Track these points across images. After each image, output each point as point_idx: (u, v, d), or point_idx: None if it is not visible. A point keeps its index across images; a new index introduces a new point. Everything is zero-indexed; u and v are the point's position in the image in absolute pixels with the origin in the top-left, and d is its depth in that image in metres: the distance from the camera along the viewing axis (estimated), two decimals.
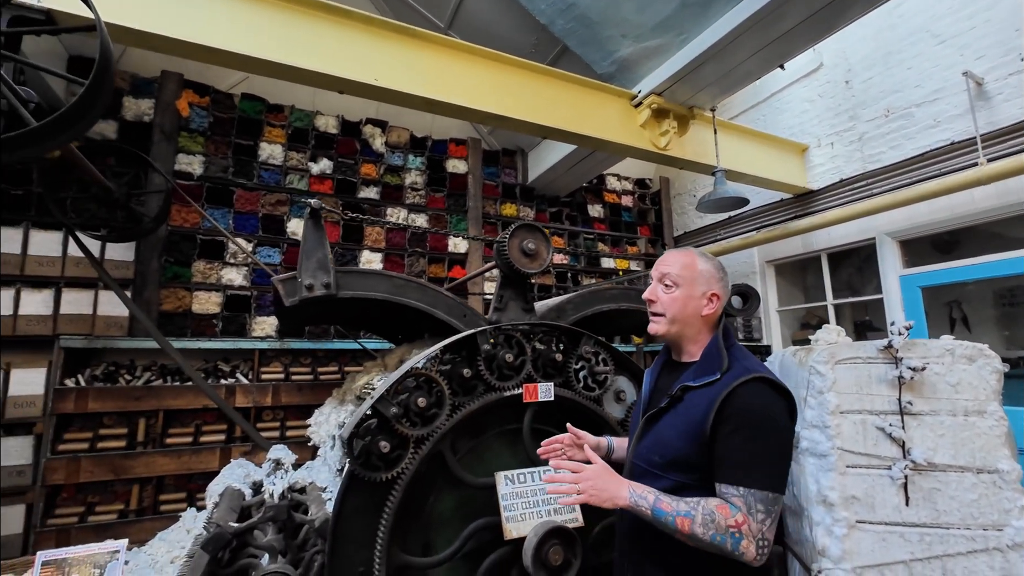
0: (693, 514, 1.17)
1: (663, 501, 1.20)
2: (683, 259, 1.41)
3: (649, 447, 1.36)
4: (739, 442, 1.20)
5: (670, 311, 1.38)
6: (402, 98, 3.02)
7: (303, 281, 2.04)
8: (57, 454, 3.39)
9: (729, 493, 1.19)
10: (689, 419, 1.28)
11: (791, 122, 4.90)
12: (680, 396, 1.33)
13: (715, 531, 1.15)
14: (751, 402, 1.23)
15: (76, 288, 3.59)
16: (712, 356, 1.34)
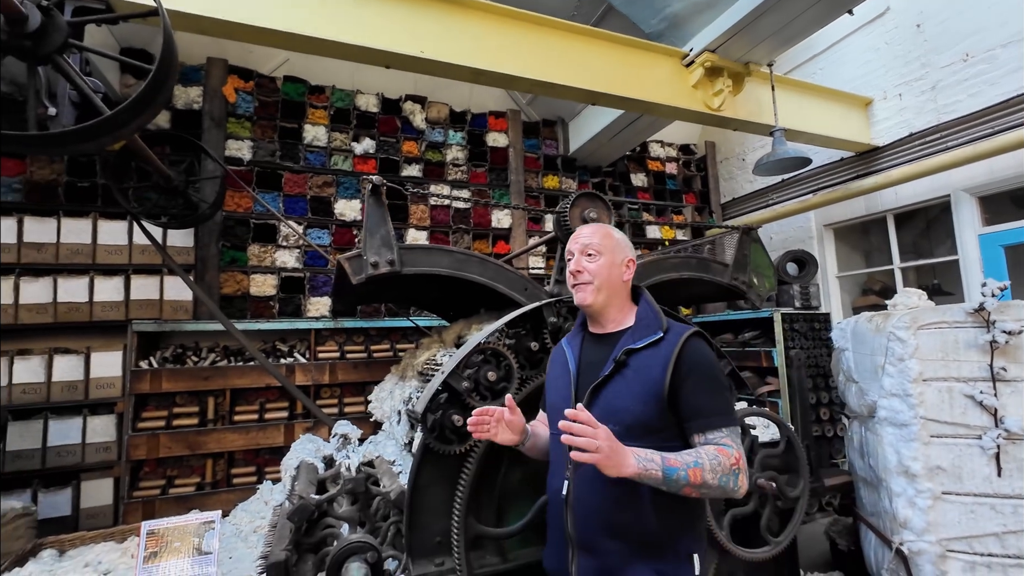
0: (701, 462, 1.19)
1: (670, 459, 1.19)
2: (600, 231, 1.48)
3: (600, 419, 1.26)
4: (707, 390, 1.29)
5: (597, 278, 1.41)
6: (449, 69, 2.96)
7: (368, 259, 2.05)
8: (137, 431, 3.60)
9: (716, 437, 1.26)
10: (644, 380, 1.29)
11: (853, 74, 4.57)
12: (624, 361, 1.34)
13: (722, 473, 1.20)
14: (702, 353, 1.33)
15: (143, 274, 3.74)
16: (649, 317, 1.41)
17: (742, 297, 2.90)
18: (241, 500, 3.68)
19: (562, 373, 1.49)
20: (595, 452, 1.15)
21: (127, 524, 3.38)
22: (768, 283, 2.95)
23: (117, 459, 3.59)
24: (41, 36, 1.71)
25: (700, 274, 2.77)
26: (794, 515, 2.42)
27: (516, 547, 2.07)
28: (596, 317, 1.47)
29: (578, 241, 1.48)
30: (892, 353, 2.46)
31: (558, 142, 5.38)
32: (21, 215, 3.50)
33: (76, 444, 3.50)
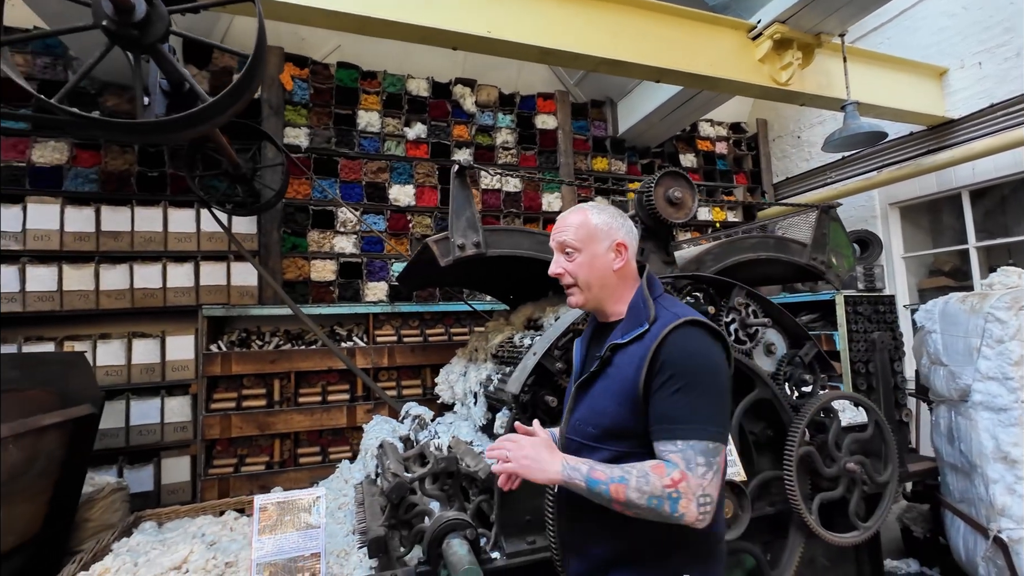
0: (627, 479, 1.06)
1: (597, 470, 1.09)
2: (575, 219, 1.28)
3: (582, 418, 1.25)
4: (673, 392, 1.09)
5: (580, 277, 1.26)
6: (516, 49, 2.91)
7: (455, 241, 2.06)
8: (211, 412, 3.74)
9: (667, 451, 1.08)
10: (622, 380, 1.17)
11: (926, 42, 4.32)
12: (609, 358, 1.22)
13: (650, 494, 1.04)
14: (684, 348, 1.12)
15: (211, 261, 3.86)
16: (637, 308, 1.23)
17: (820, 277, 2.81)
18: (308, 479, 3.82)
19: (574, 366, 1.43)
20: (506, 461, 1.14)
21: (204, 500, 3.54)
22: (847, 263, 2.84)
23: (193, 438, 3.74)
24: (146, 26, 1.75)
25: (778, 254, 2.69)
26: (883, 500, 2.36)
27: None
28: (597, 311, 1.34)
29: (554, 237, 1.31)
30: (990, 335, 2.35)
31: (607, 123, 5.28)
32: (98, 204, 3.64)
33: (155, 424, 3.67)
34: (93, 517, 2.77)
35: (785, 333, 2.39)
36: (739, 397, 2.30)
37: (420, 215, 4.50)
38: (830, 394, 2.28)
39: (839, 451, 2.28)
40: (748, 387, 2.28)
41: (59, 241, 3.54)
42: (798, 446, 2.18)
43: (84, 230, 3.60)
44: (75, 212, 3.59)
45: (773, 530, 2.35)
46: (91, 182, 3.68)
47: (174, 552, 2.02)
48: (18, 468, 2.20)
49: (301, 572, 1.73)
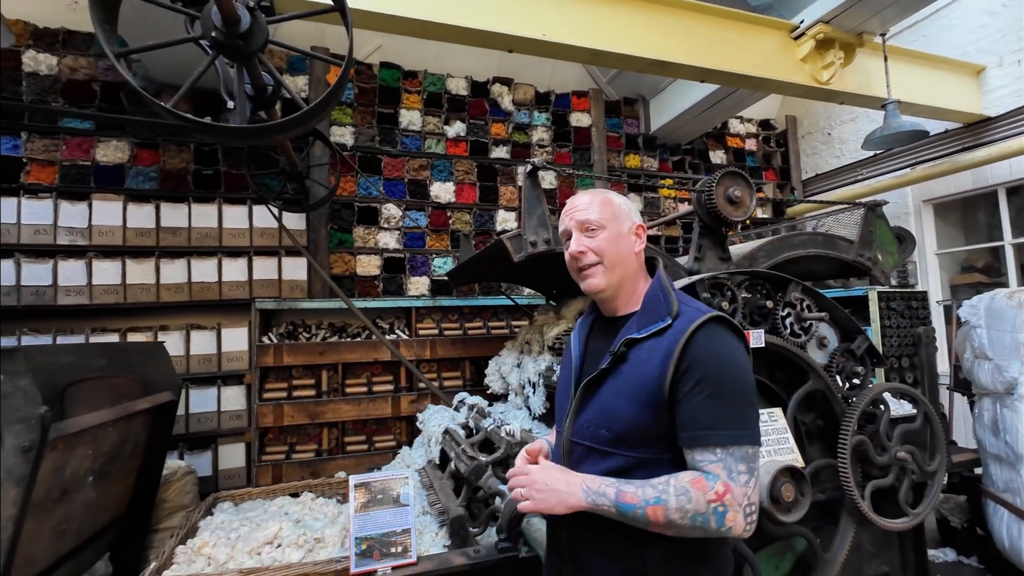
0: (664, 498, 0.97)
1: (626, 493, 1.00)
2: (597, 198, 1.22)
3: (592, 420, 1.13)
4: (708, 396, 1.01)
5: (607, 255, 1.16)
6: (568, 51, 3.01)
7: (527, 238, 2.16)
8: (264, 401, 3.89)
9: (705, 460, 1.00)
10: (641, 378, 1.06)
11: (963, 40, 4.35)
12: (624, 353, 1.11)
13: (694, 512, 0.96)
14: (715, 348, 1.05)
15: (263, 256, 4.00)
16: (657, 299, 1.14)
17: (867, 274, 2.88)
18: (355, 466, 3.98)
19: (567, 362, 1.30)
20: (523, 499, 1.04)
21: (259, 485, 3.70)
22: (892, 259, 2.91)
23: (247, 426, 3.91)
24: (249, 36, 1.87)
25: (826, 251, 2.77)
26: (931, 488, 2.45)
27: None
28: (609, 300, 1.22)
29: (572, 216, 1.21)
30: None
31: (639, 120, 5.35)
32: (158, 201, 3.79)
33: (213, 412, 3.84)
34: (169, 498, 2.93)
35: (837, 327, 2.47)
36: (792, 388, 2.40)
37: (460, 211, 4.62)
38: (882, 386, 2.37)
39: (890, 441, 2.37)
40: (801, 379, 2.38)
41: (122, 237, 3.70)
42: (851, 435, 2.28)
43: (145, 226, 3.75)
44: (136, 209, 3.74)
45: (822, 516, 2.44)
46: (151, 180, 3.83)
47: (265, 528, 2.16)
48: (114, 450, 2.36)
49: (394, 546, 1.85)
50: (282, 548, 2.06)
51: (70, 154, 3.67)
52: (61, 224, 3.58)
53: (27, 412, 1.74)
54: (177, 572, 1.94)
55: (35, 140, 3.61)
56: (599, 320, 1.29)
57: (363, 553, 1.82)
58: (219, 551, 2.02)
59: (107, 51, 1.69)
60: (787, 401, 2.35)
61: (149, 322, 3.80)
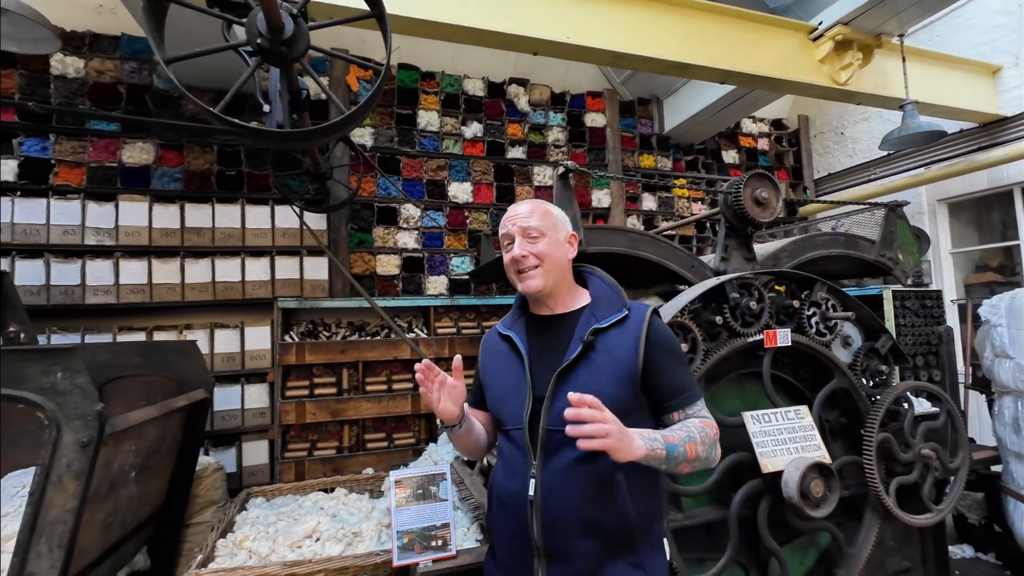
0: (693, 436, 1.18)
1: (669, 436, 1.15)
2: (538, 208, 1.34)
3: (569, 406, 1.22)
4: (679, 367, 1.28)
5: (545, 260, 1.29)
6: (592, 53, 3.05)
7: None
8: (286, 399, 3.95)
9: (695, 411, 1.26)
10: (616, 361, 1.23)
11: (978, 40, 4.36)
12: (591, 342, 1.25)
13: (709, 444, 1.21)
14: (665, 330, 1.32)
15: (285, 255, 4.06)
16: (610, 295, 1.33)
17: (887, 273, 2.92)
18: (376, 463, 4.03)
19: (508, 362, 1.35)
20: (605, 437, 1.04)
21: (283, 482, 3.77)
22: (912, 259, 2.94)
23: (270, 423, 3.97)
24: (292, 42, 1.92)
25: (848, 251, 2.81)
26: (954, 485, 2.49)
27: (692, 505, 2.24)
28: (544, 300, 1.35)
29: (515, 223, 1.32)
30: None
31: (653, 121, 5.38)
32: (182, 202, 3.85)
33: (237, 409, 3.90)
34: (200, 494, 2.98)
35: (861, 326, 2.51)
36: (816, 386, 2.44)
37: (477, 211, 4.66)
38: (908, 384, 2.41)
39: (914, 438, 2.40)
40: (825, 377, 2.42)
41: (148, 237, 3.75)
42: (876, 432, 2.31)
43: (170, 226, 3.81)
44: (162, 209, 3.80)
45: (845, 512, 2.48)
46: (176, 181, 3.88)
47: (303, 523, 2.21)
48: (154, 446, 2.41)
49: (434, 540, 1.91)
50: (321, 542, 2.11)
51: (97, 156, 3.73)
52: (89, 224, 3.64)
53: (85, 408, 1.80)
54: (221, 564, 2.00)
55: (63, 142, 3.67)
56: (533, 320, 1.39)
57: (405, 547, 1.87)
58: (260, 544, 2.07)
59: (158, 58, 1.73)
60: (810, 399, 2.39)
61: (174, 321, 3.86)
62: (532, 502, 1.20)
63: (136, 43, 3.88)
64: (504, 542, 1.31)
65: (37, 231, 3.54)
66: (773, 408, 2.24)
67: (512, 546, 1.27)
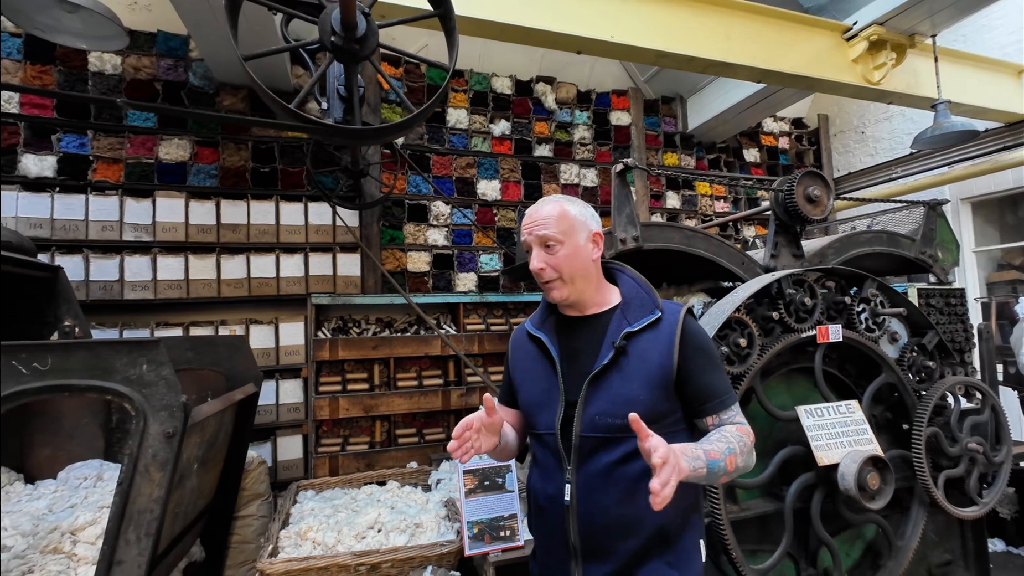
0: (733, 447, 1.15)
1: (710, 451, 1.11)
2: (555, 212, 1.27)
3: (603, 411, 1.20)
4: (713, 369, 1.25)
5: (565, 271, 1.24)
6: (635, 52, 3.08)
7: (617, 235, 2.24)
8: (320, 394, 3.98)
9: (730, 416, 1.23)
10: (650, 364, 1.19)
11: (1004, 40, 4.40)
12: (623, 346, 1.22)
13: (747, 453, 1.18)
14: (699, 331, 1.28)
15: (319, 252, 4.08)
16: (641, 296, 1.29)
17: (927, 271, 2.96)
18: (408, 458, 4.06)
19: (538, 364, 1.33)
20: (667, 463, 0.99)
21: (316, 477, 3.80)
22: (951, 257, 2.98)
23: (304, 418, 3.99)
24: (364, 41, 1.94)
25: (891, 248, 2.85)
26: (998, 478, 2.53)
27: (745, 497, 2.27)
28: (573, 306, 1.32)
29: (532, 232, 1.27)
30: None
31: (676, 119, 5.41)
32: (218, 199, 3.87)
33: (272, 404, 3.92)
34: (246, 487, 3.01)
35: (907, 322, 2.55)
36: (862, 381, 2.48)
37: (505, 208, 4.69)
38: (955, 379, 2.45)
39: (960, 432, 2.45)
40: (872, 372, 2.46)
41: (184, 233, 3.78)
42: (925, 426, 2.36)
43: (206, 223, 3.83)
44: (198, 206, 3.82)
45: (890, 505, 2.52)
46: (211, 178, 3.91)
47: (365, 514, 2.25)
48: (212, 439, 2.44)
49: (503, 530, 1.94)
50: (385, 532, 2.15)
51: (134, 152, 3.75)
52: (127, 221, 3.67)
53: (170, 400, 1.83)
54: (290, 554, 2.03)
55: (100, 138, 3.69)
56: (561, 320, 1.35)
57: (475, 536, 1.91)
58: (326, 535, 2.11)
59: (237, 55, 1.76)
60: (857, 393, 2.43)
61: (210, 316, 3.89)
62: (568, 506, 1.19)
63: (171, 40, 3.90)
64: (543, 543, 1.31)
65: (76, 226, 3.56)
66: (825, 403, 2.28)
67: (551, 547, 1.27)
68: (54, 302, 2.67)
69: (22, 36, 3.55)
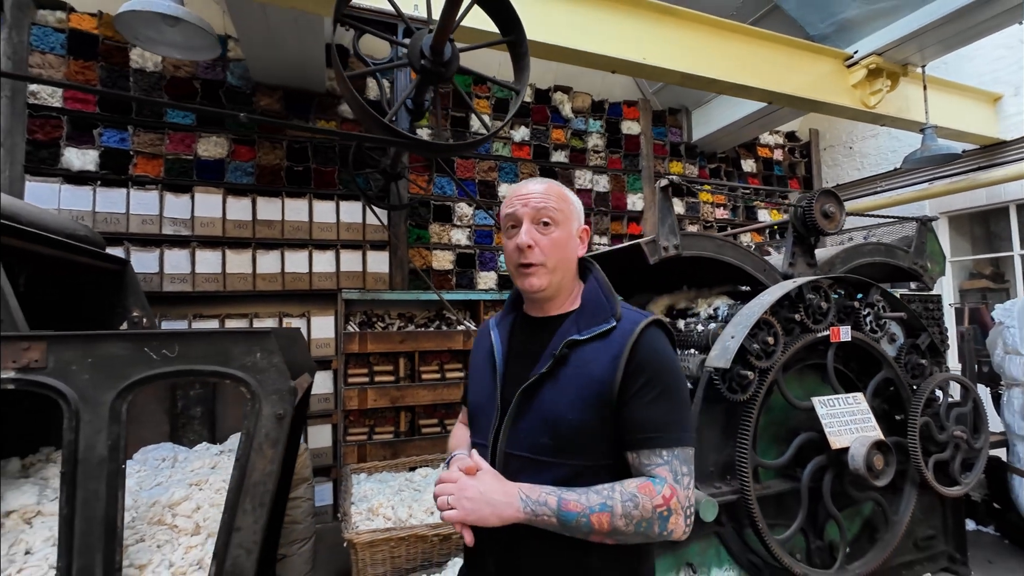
0: (611, 504, 0.93)
1: (569, 500, 0.94)
2: (554, 190, 1.11)
3: (531, 428, 1.04)
4: (655, 398, 0.99)
5: (552, 257, 1.07)
6: (663, 73, 3.35)
7: (660, 243, 2.50)
8: (349, 385, 4.16)
9: (652, 464, 0.98)
10: (587, 380, 1.01)
11: (981, 69, 4.84)
12: (565, 355, 1.04)
13: (640, 518, 0.93)
14: (657, 350, 1.03)
15: (349, 249, 4.25)
16: (599, 300, 1.10)
17: (918, 279, 3.31)
18: (431, 447, 4.28)
19: (485, 365, 1.18)
20: (450, 508, 0.95)
21: (346, 464, 3.99)
22: (938, 268, 3.34)
23: (334, 408, 4.17)
24: (448, 64, 2.16)
25: (888, 259, 3.20)
26: (978, 462, 2.90)
27: (766, 477, 2.57)
28: (544, 301, 1.15)
29: (527, 203, 1.09)
30: None
31: (682, 130, 5.73)
32: (254, 195, 4.00)
33: None
34: (296, 471, 3.19)
35: (904, 325, 2.89)
36: (864, 376, 2.81)
37: None
38: (944, 375, 2.80)
39: (947, 421, 2.80)
40: (872, 368, 2.79)
41: (222, 228, 3.90)
42: (919, 416, 2.70)
43: (242, 218, 3.96)
44: (235, 202, 3.95)
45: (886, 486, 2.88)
46: (248, 175, 4.03)
47: (427, 492, 2.47)
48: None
49: None
50: None
51: (173, 148, 3.85)
52: (166, 215, 3.78)
53: (280, 385, 2.03)
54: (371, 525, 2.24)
55: (140, 134, 3.78)
56: (521, 320, 1.20)
57: None
58: (398, 511, 2.32)
59: (340, 72, 1.95)
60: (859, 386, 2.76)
61: (243, 309, 4.02)
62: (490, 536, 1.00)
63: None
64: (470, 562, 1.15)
65: (117, 219, 3.66)
66: (835, 394, 2.59)
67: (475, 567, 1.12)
68: (123, 293, 2.80)
69: (65, 32, 3.62)
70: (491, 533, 0.98)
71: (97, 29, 3.70)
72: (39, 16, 3.58)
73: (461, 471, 1.00)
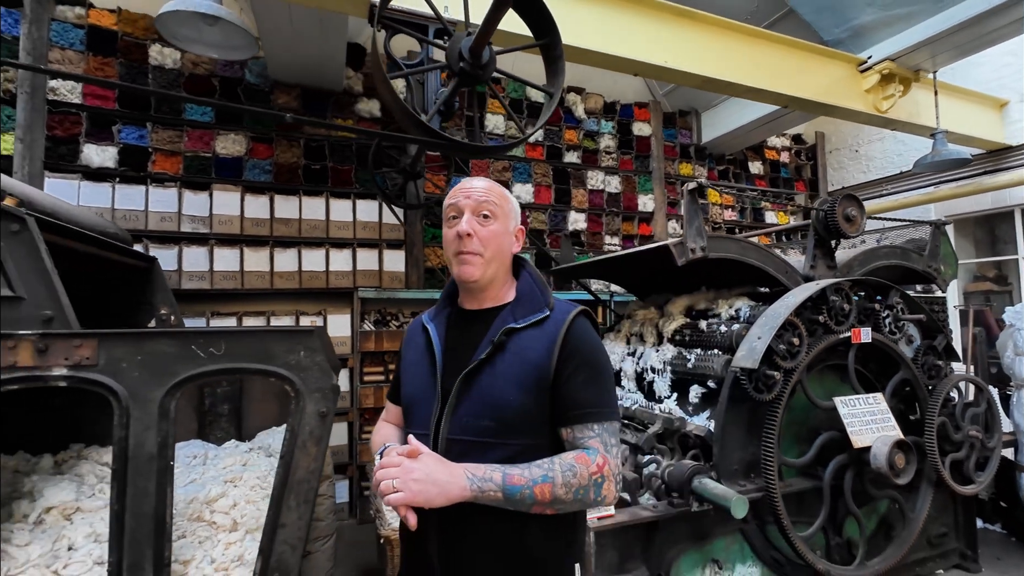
0: (551, 475, 1.00)
1: (513, 475, 1.00)
2: (496, 189, 1.20)
3: (473, 412, 1.10)
4: (586, 379, 1.09)
5: (490, 248, 1.15)
6: (684, 76, 3.39)
7: (688, 245, 2.54)
8: (365, 383, 4.18)
9: (585, 437, 1.06)
10: (526, 365, 1.09)
11: (988, 76, 4.92)
12: (503, 342, 1.12)
13: (578, 486, 1.01)
14: (586, 336, 1.14)
15: (365, 248, 4.27)
16: (533, 292, 1.19)
17: (932, 281, 3.38)
18: None
19: (422, 358, 1.23)
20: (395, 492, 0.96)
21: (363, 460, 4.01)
22: (951, 270, 3.40)
23: (350, 406, 4.18)
24: (486, 67, 2.19)
25: (903, 262, 3.25)
26: (991, 461, 2.96)
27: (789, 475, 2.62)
28: (475, 293, 1.21)
29: (469, 196, 1.16)
30: None
31: (691, 132, 5.78)
32: (272, 193, 4.01)
33: None
34: None
35: (921, 326, 2.95)
36: (882, 377, 2.86)
37: (536, 211, 4.96)
38: (959, 376, 2.86)
39: (963, 421, 2.86)
40: (890, 369, 2.85)
41: (239, 226, 3.91)
42: (936, 416, 2.76)
43: (260, 216, 3.97)
44: (253, 200, 3.95)
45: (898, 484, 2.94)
46: (266, 173, 4.04)
47: None
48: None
49: None
50: None
51: (192, 145, 3.85)
52: (184, 212, 3.78)
53: (323, 383, 2.05)
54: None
55: (159, 131, 3.78)
56: (456, 314, 1.26)
57: None
58: None
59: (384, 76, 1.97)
60: (876, 387, 2.82)
61: (260, 307, 4.03)
62: (429, 515, 1.03)
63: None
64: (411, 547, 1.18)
65: (136, 216, 3.66)
66: (855, 394, 2.65)
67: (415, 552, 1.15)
68: (150, 290, 2.80)
69: (84, 28, 3.61)
70: (434, 514, 1.02)
71: (116, 25, 3.70)
72: (58, 12, 3.57)
73: (402, 456, 1.01)
